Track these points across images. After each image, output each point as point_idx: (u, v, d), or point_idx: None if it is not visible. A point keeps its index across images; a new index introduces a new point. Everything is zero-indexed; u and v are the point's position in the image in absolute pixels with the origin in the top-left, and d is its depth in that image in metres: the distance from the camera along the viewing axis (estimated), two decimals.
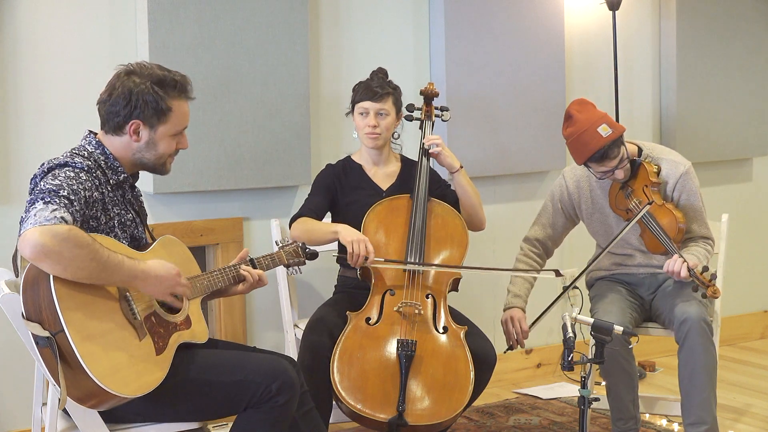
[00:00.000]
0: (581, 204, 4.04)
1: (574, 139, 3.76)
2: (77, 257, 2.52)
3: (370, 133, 3.76)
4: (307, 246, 3.32)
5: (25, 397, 3.59)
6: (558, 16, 4.87)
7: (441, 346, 3.52)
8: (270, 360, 2.89)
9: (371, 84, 3.76)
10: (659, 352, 5.21)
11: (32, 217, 2.54)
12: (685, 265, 3.64)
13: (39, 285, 2.57)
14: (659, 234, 3.77)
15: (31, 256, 2.50)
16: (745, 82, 5.41)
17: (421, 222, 3.68)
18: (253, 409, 2.82)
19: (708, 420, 3.69)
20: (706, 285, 3.63)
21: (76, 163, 2.74)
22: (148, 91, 2.80)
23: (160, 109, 2.82)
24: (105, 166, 2.83)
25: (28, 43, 3.83)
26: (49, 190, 2.61)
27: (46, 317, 2.55)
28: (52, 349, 2.54)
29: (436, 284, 3.64)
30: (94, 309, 2.61)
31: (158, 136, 2.85)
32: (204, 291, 2.96)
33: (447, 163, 3.80)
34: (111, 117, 2.84)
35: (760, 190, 5.68)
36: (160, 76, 2.84)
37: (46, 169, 2.73)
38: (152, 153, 2.87)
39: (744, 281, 5.54)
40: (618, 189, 3.91)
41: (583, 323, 3.08)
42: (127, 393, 2.60)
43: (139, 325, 2.70)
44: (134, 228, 2.89)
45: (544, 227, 4.10)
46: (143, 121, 2.82)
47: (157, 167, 2.92)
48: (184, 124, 2.91)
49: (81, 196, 2.66)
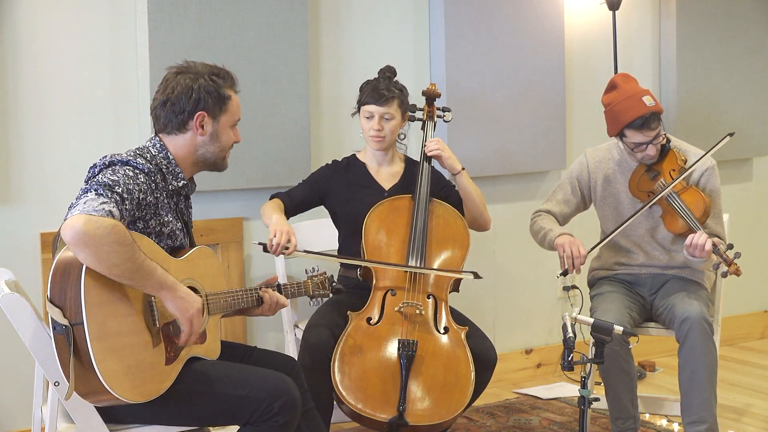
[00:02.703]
0: (597, 185, 4.02)
1: (618, 104, 3.77)
2: (115, 253, 2.53)
3: (374, 136, 3.76)
4: (334, 280, 3.35)
5: (25, 397, 3.59)
6: (558, 16, 4.87)
7: (442, 347, 3.52)
8: (275, 378, 2.88)
9: (378, 86, 3.75)
10: (659, 352, 5.21)
11: (81, 204, 2.56)
12: (709, 240, 3.64)
13: (70, 273, 2.58)
14: (684, 212, 3.75)
15: (72, 241, 2.51)
16: (745, 82, 5.41)
17: (422, 223, 3.68)
18: (253, 425, 2.82)
19: (708, 419, 3.69)
20: (728, 262, 3.62)
21: (137, 164, 2.76)
22: (208, 83, 2.87)
23: (221, 98, 2.89)
24: (166, 171, 2.87)
25: (28, 43, 3.83)
26: (105, 184, 2.63)
27: (69, 306, 2.56)
28: (68, 338, 2.54)
29: (437, 285, 3.64)
30: (117, 308, 2.62)
31: (221, 127, 2.91)
32: (225, 309, 2.97)
33: (449, 165, 3.81)
34: (175, 115, 2.87)
35: (760, 190, 5.68)
36: (213, 69, 2.92)
37: (107, 162, 2.75)
38: (216, 146, 2.92)
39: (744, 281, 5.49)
40: (642, 172, 3.89)
41: (583, 323, 3.08)
42: (129, 398, 2.61)
43: (156, 332, 2.71)
44: (181, 237, 2.91)
45: (559, 203, 4.05)
46: (207, 112, 2.87)
47: (218, 161, 2.97)
48: (239, 115, 2.98)
49: (135, 197, 2.68)
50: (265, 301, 3.07)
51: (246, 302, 3.02)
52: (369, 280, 3.65)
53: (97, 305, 2.57)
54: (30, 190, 3.87)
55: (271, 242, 3.46)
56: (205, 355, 2.90)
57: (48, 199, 3.87)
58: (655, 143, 3.81)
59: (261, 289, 3.07)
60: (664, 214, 3.87)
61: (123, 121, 4.00)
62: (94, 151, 3.77)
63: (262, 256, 4.26)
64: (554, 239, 3.86)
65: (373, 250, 3.66)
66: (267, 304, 3.07)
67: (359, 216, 3.70)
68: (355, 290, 3.75)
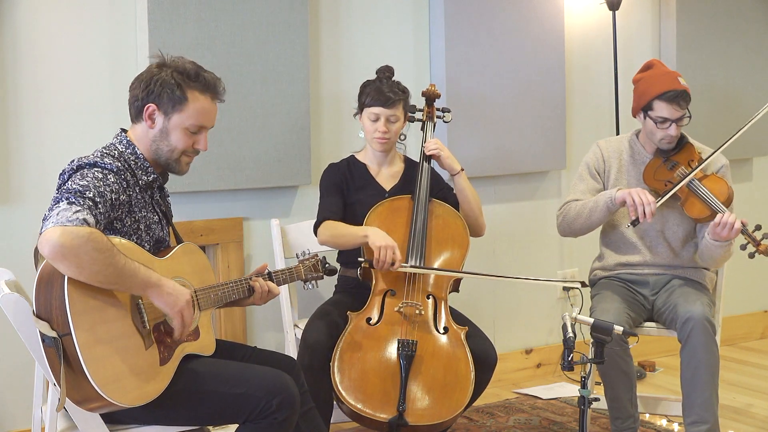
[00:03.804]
0: (611, 173, 4.01)
1: (653, 75, 3.83)
2: (94, 261, 2.51)
3: (380, 138, 3.76)
4: (327, 261, 3.32)
5: (25, 397, 3.59)
6: (558, 16, 4.87)
7: (441, 347, 3.52)
8: (273, 375, 2.87)
9: (382, 88, 3.74)
10: (659, 352, 5.21)
11: (55, 216, 2.54)
12: (738, 220, 3.64)
13: (53, 285, 2.56)
14: (707, 197, 3.76)
15: (50, 255, 2.50)
16: (745, 82, 5.41)
17: (422, 223, 3.68)
18: (252, 423, 2.82)
19: (709, 419, 3.69)
20: (757, 242, 3.62)
21: (105, 164, 2.74)
22: (168, 78, 2.82)
23: (175, 97, 2.82)
24: (135, 167, 2.84)
25: (28, 43, 3.83)
26: (75, 191, 2.61)
27: (56, 318, 2.55)
28: (57, 350, 2.53)
29: (436, 285, 3.64)
30: (104, 314, 2.60)
31: (171, 125, 2.85)
32: (216, 302, 2.95)
33: (447, 165, 3.81)
34: (131, 103, 2.87)
35: (760, 190, 5.67)
36: (186, 68, 2.86)
37: (75, 167, 2.73)
38: (165, 144, 2.86)
39: (744, 281, 5.54)
40: (660, 163, 3.91)
41: (583, 323, 3.08)
42: (126, 402, 2.60)
43: (147, 333, 2.70)
44: (159, 230, 2.90)
45: (583, 193, 4.00)
46: (158, 106, 2.83)
47: (171, 163, 2.90)
48: (202, 121, 2.88)
49: (107, 198, 2.66)
50: (256, 290, 3.04)
51: (236, 294, 3.00)
52: (369, 281, 3.65)
53: (83, 313, 2.55)
54: (30, 190, 3.87)
55: (377, 259, 3.47)
56: (200, 352, 2.89)
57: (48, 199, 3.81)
58: (680, 124, 3.83)
59: (251, 279, 3.04)
60: (684, 201, 3.86)
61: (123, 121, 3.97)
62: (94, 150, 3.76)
63: (262, 256, 4.25)
64: (613, 195, 3.78)
65: None
66: (258, 293, 3.04)
67: (360, 217, 3.70)
68: (354, 290, 3.75)
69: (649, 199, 3.71)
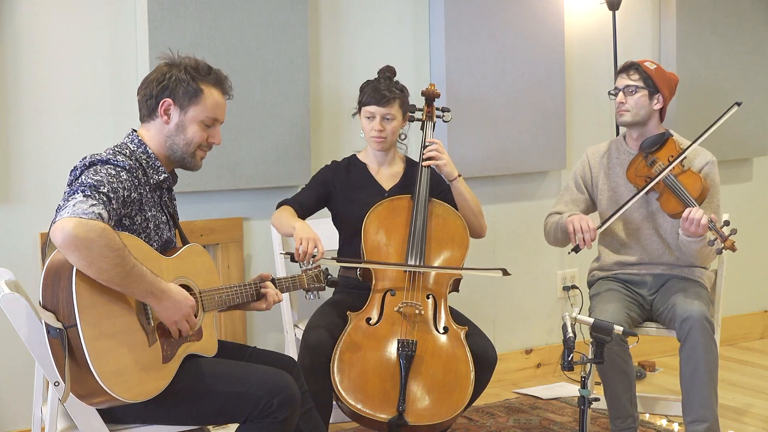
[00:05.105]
0: (599, 180, 4.07)
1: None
2: (104, 258, 2.53)
3: (376, 137, 3.76)
4: (329, 273, 3.35)
5: (25, 397, 3.59)
6: (558, 16, 4.87)
7: (441, 347, 3.52)
8: (273, 374, 2.88)
9: (379, 86, 3.75)
10: (659, 352, 5.21)
11: (70, 207, 2.55)
12: (705, 215, 3.65)
13: (61, 276, 2.58)
14: (680, 191, 3.78)
15: (62, 244, 2.51)
16: (745, 82, 5.41)
17: (421, 222, 3.68)
18: (253, 422, 2.82)
19: (709, 418, 3.69)
20: (724, 238, 3.63)
21: (118, 162, 2.75)
22: (181, 73, 2.86)
23: (191, 89, 2.86)
24: (146, 165, 2.86)
25: (28, 43, 3.83)
26: (90, 185, 2.62)
27: (62, 309, 2.57)
28: (62, 341, 2.54)
29: (436, 285, 3.64)
30: (110, 308, 2.62)
31: (188, 119, 2.88)
32: (220, 305, 2.97)
33: (446, 172, 3.80)
34: (145, 101, 2.89)
35: (760, 190, 5.68)
36: (198, 63, 2.91)
37: (87, 163, 2.75)
38: (182, 138, 2.89)
39: (744, 281, 5.54)
40: (640, 160, 3.93)
41: (583, 323, 3.08)
42: (128, 397, 2.61)
43: (151, 330, 2.71)
44: (167, 230, 2.92)
45: (567, 204, 4.08)
46: (174, 100, 2.86)
47: (186, 157, 2.92)
48: (216, 114, 2.93)
49: (120, 195, 2.68)
50: (268, 297, 3.08)
51: (242, 298, 3.02)
52: (368, 281, 3.65)
53: (90, 307, 2.57)
54: (30, 190, 3.87)
55: (298, 251, 3.45)
56: (202, 352, 2.90)
57: (48, 199, 3.86)
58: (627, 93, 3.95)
59: (261, 285, 3.08)
60: (660, 196, 3.88)
61: (123, 121, 3.99)
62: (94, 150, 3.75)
63: (262, 256, 4.26)
64: (564, 221, 3.89)
65: (372, 250, 3.66)
66: (271, 301, 3.09)
67: (360, 216, 3.70)
68: (354, 290, 3.75)
69: (589, 227, 3.79)
